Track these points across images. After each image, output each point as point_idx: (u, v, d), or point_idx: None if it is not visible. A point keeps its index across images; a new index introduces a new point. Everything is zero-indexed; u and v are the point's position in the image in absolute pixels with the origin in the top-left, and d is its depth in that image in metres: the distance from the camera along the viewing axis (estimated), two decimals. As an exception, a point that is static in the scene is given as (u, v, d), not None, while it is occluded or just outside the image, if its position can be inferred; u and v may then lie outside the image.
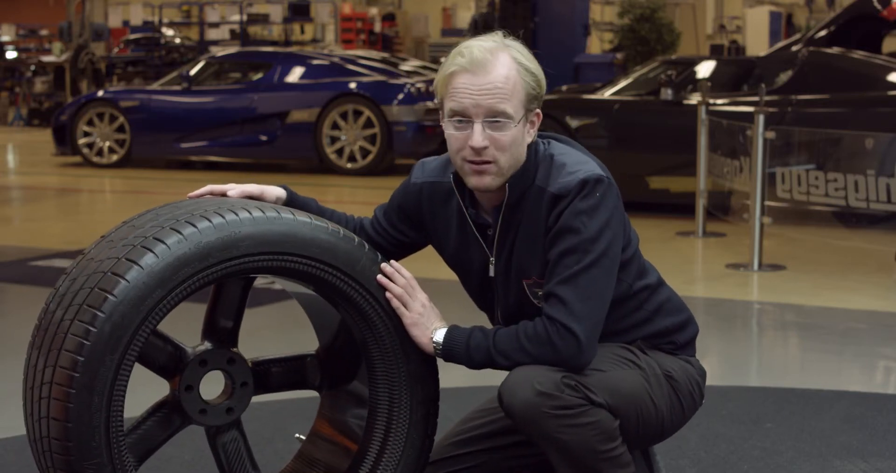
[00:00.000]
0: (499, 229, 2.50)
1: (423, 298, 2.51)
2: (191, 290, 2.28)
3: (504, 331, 2.43)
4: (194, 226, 2.27)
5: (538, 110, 2.48)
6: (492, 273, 2.55)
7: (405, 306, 2.49)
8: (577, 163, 2.44)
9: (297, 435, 2.86)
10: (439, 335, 2.47)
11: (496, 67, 2.41)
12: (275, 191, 2.60)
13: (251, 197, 2.54)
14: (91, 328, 2.17)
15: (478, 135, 2.40)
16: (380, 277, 2.49)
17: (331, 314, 2.63)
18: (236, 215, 2.32)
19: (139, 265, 2.21)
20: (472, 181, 2.45)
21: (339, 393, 2.72)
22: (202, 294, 2.44)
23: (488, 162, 2.41)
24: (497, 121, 2.40)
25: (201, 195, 2.53)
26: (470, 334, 2.45)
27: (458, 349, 2.44)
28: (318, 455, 2.74)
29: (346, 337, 2.63)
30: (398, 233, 2.67)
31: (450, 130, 2.44)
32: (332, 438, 2.72)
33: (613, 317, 2.52)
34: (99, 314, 2.17)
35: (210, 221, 2.29)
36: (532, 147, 2.49)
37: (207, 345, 2.49)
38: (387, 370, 2.54)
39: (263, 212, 2.36)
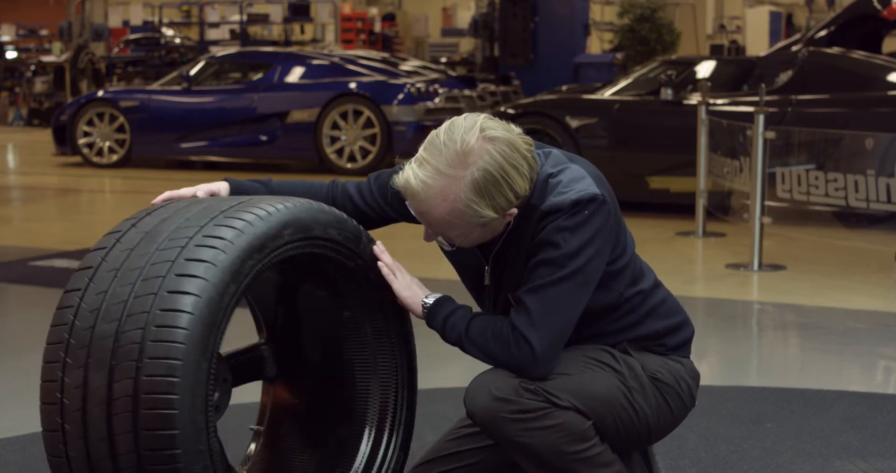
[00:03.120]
0: (499, 247, 2.49)
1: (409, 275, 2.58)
2: (252, 282, 2.27)
3: (479, 322, 2.44)
4: (243, 220, 2.28)
5: (510, 210, 2.38)
6: (487, 282, 2.56)
7: (394, 275, 2.56)
8: (572, 181, 2.39)
9: (251, 427, 2.86)
10: (431, 298, 2.51)
11: (431, 209, 2.34)
12: (223, 185, 2.61)
13: (214, 194, 2.56)
14: (184, 330, 2.11)
15: (426, 235, 2.46)
16: (375, 247, 2.56)
17: (268, 299, 2.70)
18: (274, 207, 2.34)
19: (209, 262, 2.18)
20: None
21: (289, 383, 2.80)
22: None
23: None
24: (443, 236, 2.42)
25: (166, 200, 2.52)
26: (453, 311, 2.47)
27: (438, 319, 2.48)
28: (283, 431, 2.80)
29: (287, 321, 2.70)
30: (390, 208, 2.64)
31: None
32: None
33: (603, 322, 2.52)
34: (185, 314, 2.13)
35: (255, 214, 2.29)
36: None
37: None
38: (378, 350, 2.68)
39: (288, 202, 2.39)
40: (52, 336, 2.20)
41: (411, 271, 2.61)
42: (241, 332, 2.93)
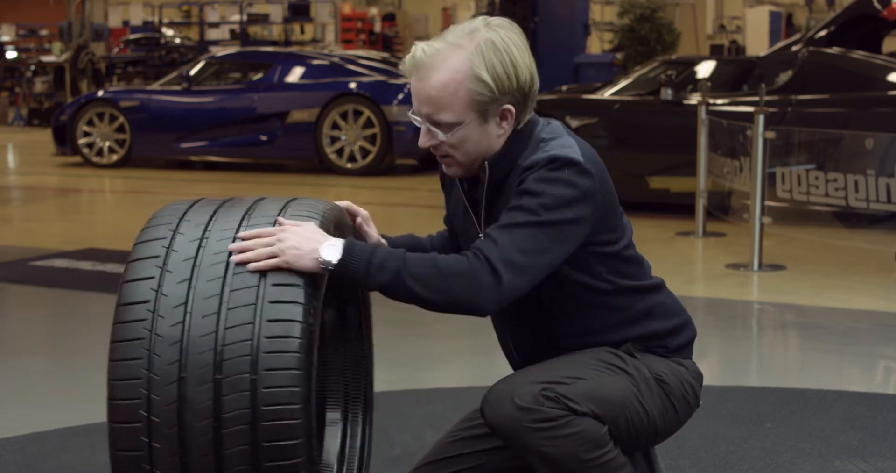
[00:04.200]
0: (484, 206, 2.49)
1: (285, 229, 2.25)
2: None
3: (417, 255, 2.31)
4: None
5: (505, 106, 2.40)
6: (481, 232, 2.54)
7: (275, 256, 2.20)
8: (558, 146, 2.39)
9: None
10: (327, 254, 2.23)
11: (433, 74, 2.38)
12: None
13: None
14: (298, 339, 2.10)
15: (421, 137, 2.45)
16: (234, 257, 2.20)
17: None
18: (322, 206, 2.37)
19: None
20: (443, 169, 2.53)
21: None
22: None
23: (446, 155, 2.44)
24: (439, 126, 2.40)
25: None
26: (373, 251, 2.28)
27: (360, 261, 2.25)
28: None
29: None
30: None
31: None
32: None
33: (596, 315, 2.50)
34: (297, 324, 2.11)
35: (311, 217, 2.30)
36: (528, 130, 2.46)
37: None
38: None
39: (320, 204, 2.40)
40: (120, 352, 2.11)
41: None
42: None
